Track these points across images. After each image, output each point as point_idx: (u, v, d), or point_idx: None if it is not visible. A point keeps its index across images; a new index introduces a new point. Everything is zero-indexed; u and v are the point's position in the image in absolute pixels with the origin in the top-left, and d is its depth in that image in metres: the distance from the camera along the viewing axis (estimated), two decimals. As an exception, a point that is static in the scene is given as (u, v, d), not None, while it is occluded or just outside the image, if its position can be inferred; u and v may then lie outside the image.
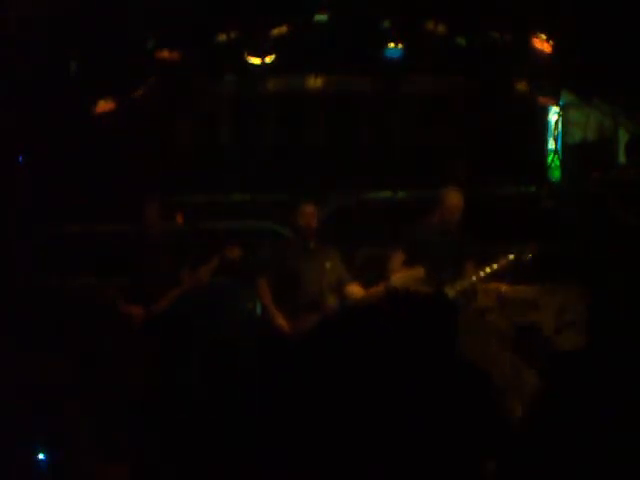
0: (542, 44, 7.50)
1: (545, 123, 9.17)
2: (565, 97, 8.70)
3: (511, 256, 6.27)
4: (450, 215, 6.41)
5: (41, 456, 4.83)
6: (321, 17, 7.66)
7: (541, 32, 7.45)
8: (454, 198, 6.42)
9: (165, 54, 7.52)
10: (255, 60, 7.68)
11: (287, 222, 8.40)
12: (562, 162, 9.05)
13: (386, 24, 7.75)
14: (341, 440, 3.95)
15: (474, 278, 6.29)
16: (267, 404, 4.69)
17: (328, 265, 6.31)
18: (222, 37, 7.62)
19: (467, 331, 5.38)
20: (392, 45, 7.76)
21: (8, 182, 7.40)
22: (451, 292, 6.11)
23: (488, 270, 6.29)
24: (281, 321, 6.19)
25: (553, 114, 9.02)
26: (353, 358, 4.24)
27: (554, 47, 7.45)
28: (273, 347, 6.28)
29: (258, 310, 7.64)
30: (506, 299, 6.51)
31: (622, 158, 7.91)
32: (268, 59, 7.67)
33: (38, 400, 5.23)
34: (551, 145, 9.11)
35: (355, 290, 6.22)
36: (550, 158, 9.11)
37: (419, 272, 6.19)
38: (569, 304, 6.44)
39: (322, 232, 6.45)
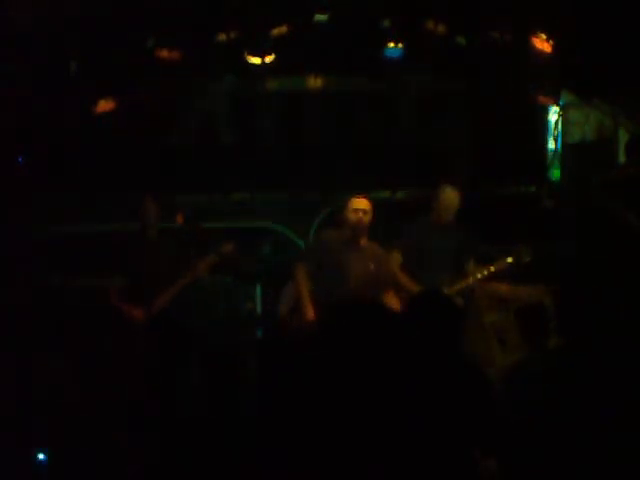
0: (542, 44, 7.50)
1: (545, 123, 9.16)
2: (565, 97, 8.70)
3: (509, 259, 6.28)
4: (445, 213, 6.39)
5: (41, 456, 4.83)
6: (321, 17, 7.66)
7: (541, 32, 7.45)
8: (449, 196, 6.41)
9: (165, 54, 7.52)
10: (255, 60, 7.69)
11: (287, 222, 8.44)
12: (562, 162, 9.04)
13: (386, 24, 7.75)
14: (341, 440, 3.95)
15: (471, 279, 6.29)
16: (267, 404, 4.69)
17: (372, 266, 6.07)
18: (222, 37, 7.61)
19: (466, 332, 5.39)
20: (392, 45, 7.76)
21: (8, 182, 7.40)
22: (448, 292, 6.10)
23: (485, 272, 6.30)
24: (311, 316, 5.90)
25: (553, 114, 9.01)
26: (353, 359, 4.23)
27: (554, 47, 7.44)
28: (274, 347, 6.27)
29: (258, 310, 7.64)
30: (506, 299, 6.52)
31: (622, 158, 7.91)
32: (268, 59, 7.67)
33: (38, 400, 5.23)
34: (551, 145, 9.10)
35: (390, 302, 5.97)
36: (550, 158, 9.10)
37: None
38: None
39: (375, 230, 6.22)
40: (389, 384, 3.97)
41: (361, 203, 6.05)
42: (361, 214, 6.03)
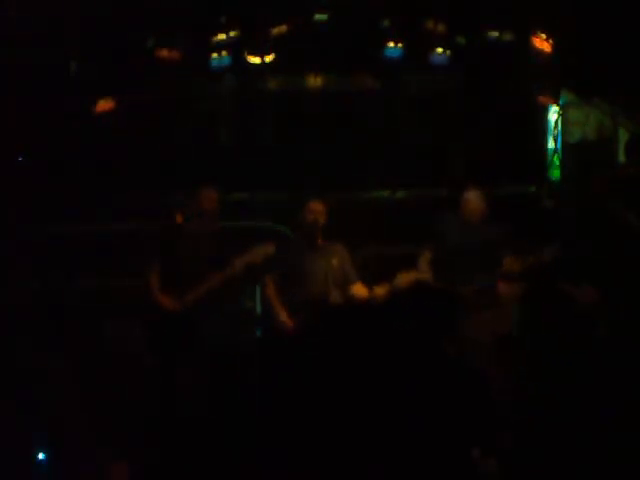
0: (542, 44, 7.51)
1: (545, 122, 9.15)
2: (565, 96, 8.70)
3: (531, 258, 6.26)
4: (470, 216, 6.46)
5: (41, 456, 4.83)
6: (321, 17, 7.67)
7: (541, 32, 7.46)
8: (473, 200, 6.46)
9: (165, 54, 7.53)
10: (255, 60, 7.69)
11: (287, 222, 8.43)
12: (562, 161, 9.04)
13: (386, 24, 7.76)
14: (341, 440, 3.95)
15: (490, 279, 6.28)
16: (267, 404, 4.69)
17: (335, 262, 6.34)
18: (222, 37, 7.62)
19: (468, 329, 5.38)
20: (392, 45, 7.77)
21: (8, 182, 7.40)
22: (465, 290, 6.09)
23: (506, 271, 6.27)
24: (285, 318, 6.18)
25: (553, 113, 9.01)
26: (353, 358, 4.24)
27: (554, 47, 7.46)
28: (273, 347, 6.28)
29: (258, 309, 7.63)
30: (502, 297, 6.49)
31: (622, 157, 7.91)
32: (268, 59, 7.67)
33: (38, 400, 5.23)
34: (551, 144, 9.10)
35: (360, 290, 6.23)
36: (550, 158, 9.10)
37: (425, 275, 6.22)
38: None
39: (330, 229, 6.43)
40: (389, 384, 3.97)
41: (316, 206, 6.39)
42: (316, 215, 6.36)
